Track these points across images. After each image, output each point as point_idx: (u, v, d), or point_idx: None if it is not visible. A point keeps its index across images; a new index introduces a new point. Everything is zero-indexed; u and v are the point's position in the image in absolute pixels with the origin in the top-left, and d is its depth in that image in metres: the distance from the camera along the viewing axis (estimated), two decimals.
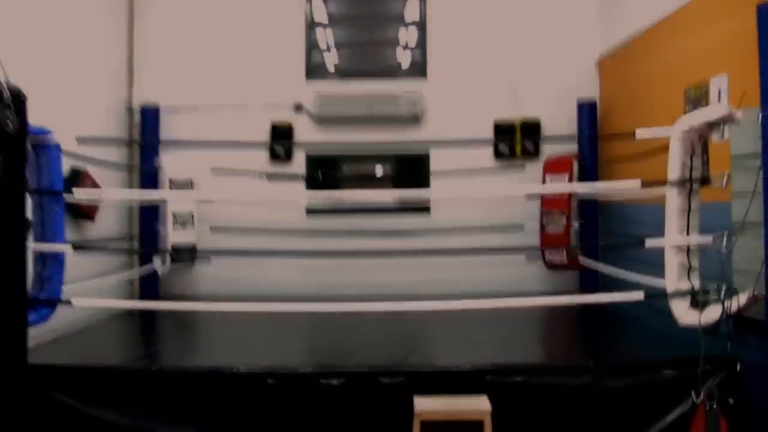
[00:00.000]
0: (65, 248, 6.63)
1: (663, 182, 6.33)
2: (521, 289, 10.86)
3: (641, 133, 6.66)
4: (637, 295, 6.50)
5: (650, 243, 6.47)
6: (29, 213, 6.71)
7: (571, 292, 10.99)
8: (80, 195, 7.69)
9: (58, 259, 6.56)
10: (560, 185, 10.39)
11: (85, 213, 9.26)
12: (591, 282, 10.78)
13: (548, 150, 11.32)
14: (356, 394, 6.19)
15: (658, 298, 6.42)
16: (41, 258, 6.58)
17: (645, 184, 6.57)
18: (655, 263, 7.49)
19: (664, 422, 6.11)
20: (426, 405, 5.90)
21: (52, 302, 6.54)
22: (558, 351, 7.68)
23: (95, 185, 9.27)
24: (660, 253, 6.47)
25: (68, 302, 6.61)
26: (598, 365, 6.32)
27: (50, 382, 6.14)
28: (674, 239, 6.21)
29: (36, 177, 6.56)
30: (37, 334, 7.04)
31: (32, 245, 6.45)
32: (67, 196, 8.16)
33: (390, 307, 7.07)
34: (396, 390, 6.14)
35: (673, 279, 6.26)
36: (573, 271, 10.94)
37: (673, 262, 6.28)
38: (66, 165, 8.73)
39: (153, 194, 10.52)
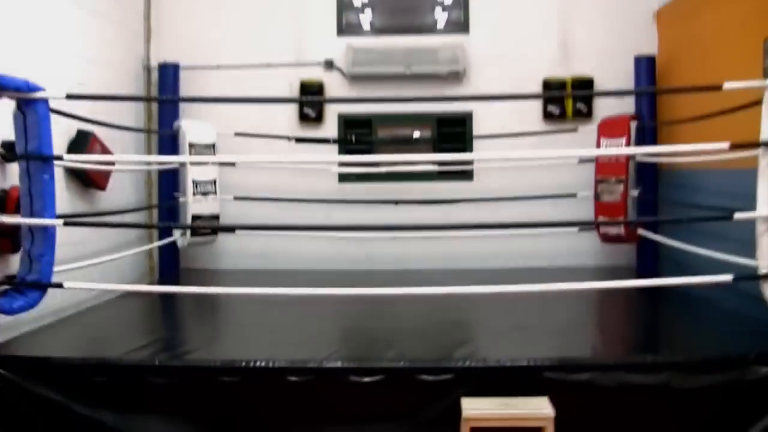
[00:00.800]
0: (54, 222, 5.71)
1: (755, 144, 5.37)
2: (572, 262, 10.09)
3: (729, 86, 5.63)
4: (725, 278, 5.50)
5: (741, 215, 5.47)
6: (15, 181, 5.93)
7: (628, 267, 10.13)
8: (77, 159, 6.83)
9: (47, 235, 5.66)
10: (622, 148, 9.35)
11: (94, 181, 8.41)
12: (649, 256, 9.98)
13: (603, 111, 10.26)
14: (393, 394, 5.28)
15: (748, 280, 5.48)
16: (30, 234, 5.71)
17: (735, 146, 5.57)
18: (722, 236, 6.72)
19: (758, 428, 5.16)
20: (476, 408, 4.95)
21: (41, 285, 5.67)
22: (625, 341, 6.52)
23: (105, 150, 8.42)
24: (729, 225, 5.68)
25: (59, 285, 5.75)
26: (678, 361, 5.35)
27: (35, 376, 5.35)
28: None
29: (23, 140, 5.68)
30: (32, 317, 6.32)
31: (19, 219, 5.63)
32: (70, 163, 7.44)
33: (431, 292, 6.06)
34: (441, 389, 5.23)
35: (766, 257, 5.32)
36: (630, 244, 9.97)
37: (766, 237, 5.33)
38: (73, 127, 8.00)
39: (170, 159, 9.65)
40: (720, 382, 5.26)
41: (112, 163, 8.56)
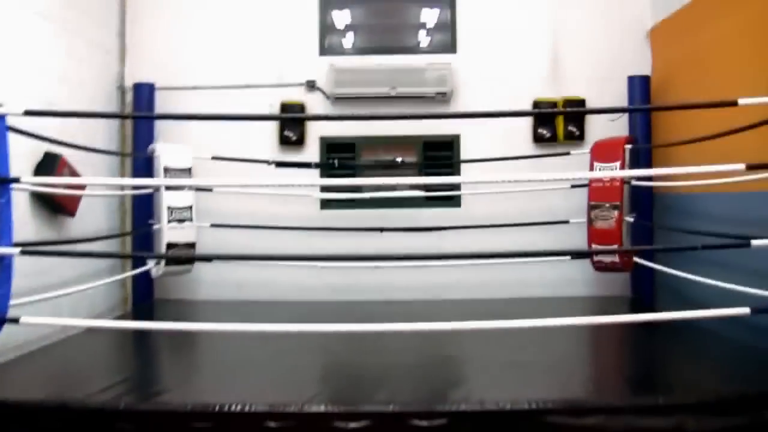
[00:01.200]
0: (10, 251, 5.20)
1: None
2: (564, 292, 9.73)
3: (745, 101, 5.23)
4: (742, 311, 5.06)
5: (759, 243, 5.05)
6: None
7: (622, 297, 9.77)
8: (40, 182, 6.35)
9: (3, 265, 5.15)
10: (620, 171, 8.94)
11: (62, 206, 7.94)
12: (645, 285, 9.62)
13: (595, 134, 9.91)
14: None
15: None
16: None
17: (752, 167, 5.17)
18: (723, 264, 6.48)
19: None
20: None
21: None
22: (631, 379, 5.95)
23: (74, 173, 7.95)
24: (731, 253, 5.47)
25: (15, 320, 5.24)
26: (692, 402, 4.91)
27: None
28: None
29: None
30: None
31: None
32: (33, 186, 7.01)
33: (419, 328, 5.55)
34: None
35: None
36: (624, 272, 9.58)
37: None
38: (41, 150, 7.55)
39: (141, 182, 9.18)
40: (738, 424, 4.83)
41: (82, 187, 8.08)
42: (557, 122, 10.10)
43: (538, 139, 10.14)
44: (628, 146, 9.12)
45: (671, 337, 6.95)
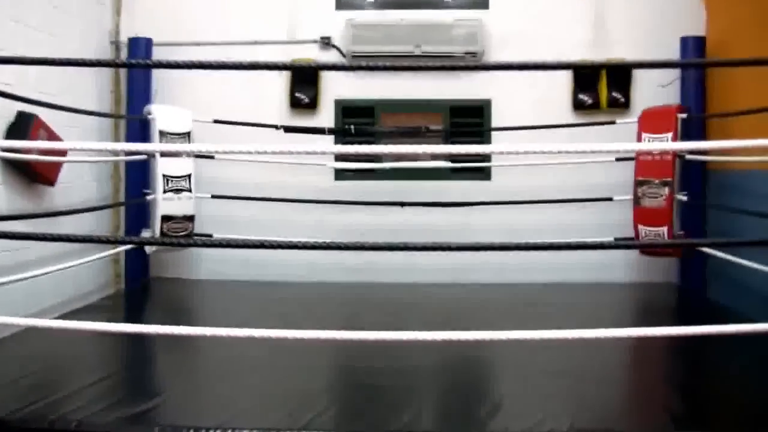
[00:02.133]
0: None
1: None
2: (603, 276, 8.74)
3: None
4: None
5: None
6: None
7: (667, 283, 8.81)
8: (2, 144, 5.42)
9: None
10: (674, 144, 7.91)
11: (40, 174, 7.00)
12: (695, 271, 8.62)
13: (643, 102, 8.84)
14: None
15: None
16: None
17: None
18: None
19: None
20: None
21: None
22: (711, 398, 4.77)
23: (53, 137, 6.98)
24: None
25: None
26: None
27: None
28: None
29: None
30: None
31: None
32: (5, 151, 6.09)
33: (445, 337, 4.42)
34: None
35: None
36: (671, 257, 8.68)
37: None
38: (13, 110, 6.61)
39: (126, 146, 8.21)
40: None
41: (63, 153, 7.13)
42: (600, 88, 9.06)
43: (578, 106, 9.11)
44: (681, 116, 8.09)
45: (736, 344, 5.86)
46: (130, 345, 5.94)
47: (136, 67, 8.69)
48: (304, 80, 9.10)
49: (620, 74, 9.00)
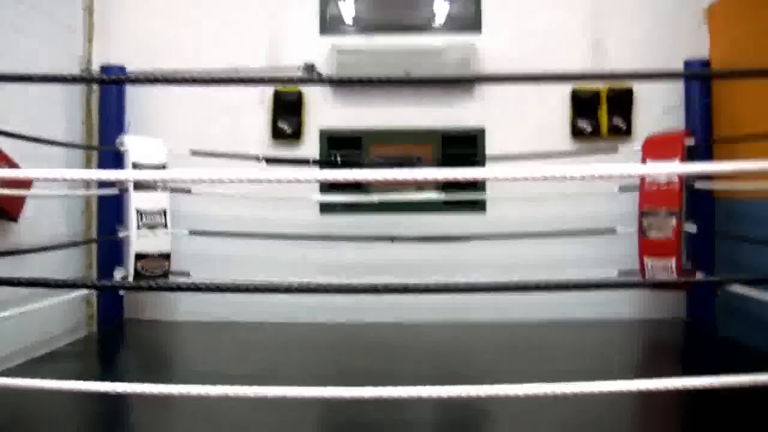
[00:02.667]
0: None
1: None
2: (608, 313, 8.26)
3: None
4: None
5: None
6: None
7: (673, 320, 8.30)
8: None
9: None
10: (683, 166, 7.36)
11: (1, 209, 6.47)
12: (703, 305, 8.06)
13: (645, 128, 8.37)
14: None
15: None
16: None
17: None
18: None
19: None
20: None
21: None
22: None
23: (12, 166, 6.46)
24: None
25: None
26: None
27: None
28: None
29: None
30: None
31: None
32: None
33: (447, 393, 3.77)
34: None
35: None
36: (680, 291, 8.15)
37: None
38: None
39: (100, 174, 7.64)
40: None
41: (27, 186, 6.61)
42: (600, 114, 8.62)
43: (577, 133, 8.65)
44: (689, 141, 7.64)
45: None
46: (96, 400, 5.34)
47: (101, 82, 8.39)
48: (286, 109, 8.61)
49: (622, 99, 8.57)
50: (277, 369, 6.22)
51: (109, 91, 8.40)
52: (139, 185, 7.73)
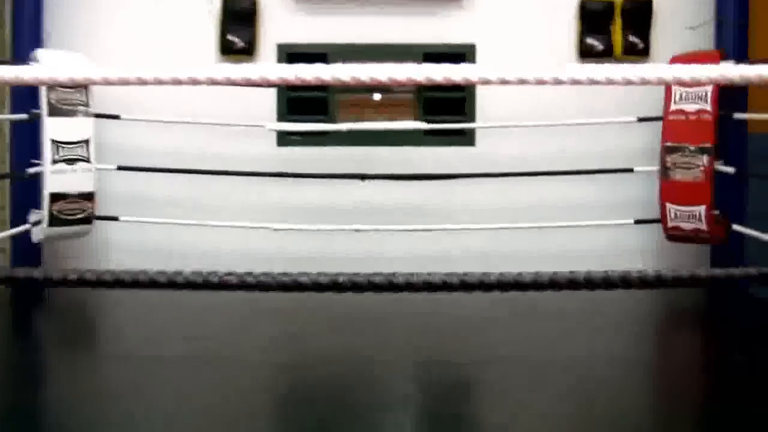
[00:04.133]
0: None
1: None
2: (618, 267, 6.89)
3: None
4: None
5: None
6: None
7: (701, 276, 7.04)
8: None
9: None
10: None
11: None
12: (731, 261, 6.88)
13: (666, 47, 7.24)
14: None
15: None
16: None
17: None
18: None
19: None
20: None
21: None
22: None
23: None
24: None
25: None
26: None
27: None
28: None
29: None
30: None
31: None
32: None
33: None
34: None
35: None
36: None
37: None
38: None
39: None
40: None
41: None
42: (613, 30, 7.46)
43: (585, 53, 7.46)
44: (725, 64, 6.46)
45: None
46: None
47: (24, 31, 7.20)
48: (237, 18, 7.34)
49: (639, 13, 7.43)
50: (219, 338, 5.38)
51: None
52: (56, 110, 6.47)
